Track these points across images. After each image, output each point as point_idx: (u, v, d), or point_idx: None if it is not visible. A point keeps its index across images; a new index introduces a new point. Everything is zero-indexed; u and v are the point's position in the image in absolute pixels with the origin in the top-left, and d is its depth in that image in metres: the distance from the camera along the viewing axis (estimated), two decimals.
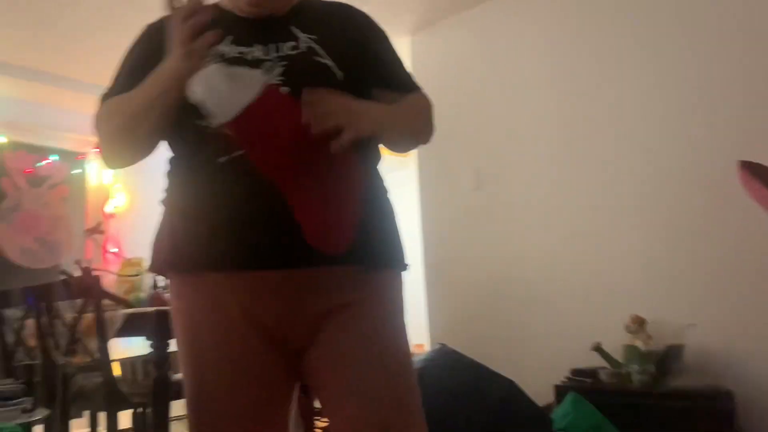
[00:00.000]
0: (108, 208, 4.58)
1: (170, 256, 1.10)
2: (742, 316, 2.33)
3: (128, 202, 4.67)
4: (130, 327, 2.38)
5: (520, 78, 3.02)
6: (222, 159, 1.03)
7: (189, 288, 1.09)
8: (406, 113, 1.13)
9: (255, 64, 1.04)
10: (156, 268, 1.16)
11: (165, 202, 1.15)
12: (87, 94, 3.97)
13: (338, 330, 1.05)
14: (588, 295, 2.79)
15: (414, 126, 1.16)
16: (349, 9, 1.19)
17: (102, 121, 1.12)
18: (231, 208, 1.03)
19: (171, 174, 1.15)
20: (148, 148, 1.13)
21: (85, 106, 1.80)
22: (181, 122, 1.06)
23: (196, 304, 1.08)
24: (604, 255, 2.74)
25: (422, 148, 1.29)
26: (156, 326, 2.31)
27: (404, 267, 1.14)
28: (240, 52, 1.07)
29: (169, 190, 1.15)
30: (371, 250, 1.07)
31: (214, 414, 1.06)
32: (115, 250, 4.44)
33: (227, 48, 1.06)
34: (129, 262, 2.91)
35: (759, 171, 1.42)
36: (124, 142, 1.10)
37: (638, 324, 2.55)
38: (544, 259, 2.90)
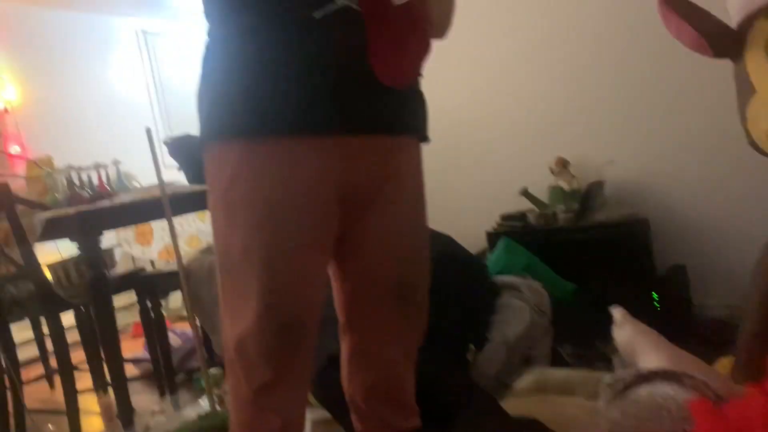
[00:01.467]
0: None
1: (248, 118, 1.05)
2: (655, 149, 2.46)
3: (20, 95, 4.26)
4: (52, 230, 2.27)
5: None
6: (318, 13, 1.03)
7: (262, 152, 1.06)
8: None
9: None
10: (218, 132, 1.10)
11: (227, 62, 1.09)
12: None
13: (391, 198, 1.17)
14: (513, 140, 2.85)
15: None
16: None
17: None
18: (330, 67, 1.04)
19: (238, 32, 1.08)
20: None
21: None
22: None
23: (273, 167, 1.06)
24: (525, 99, 2.77)
25: None
26: (80, 227, 2.22)
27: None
28: None
29: (236, 49, 1.08)
30: (423, 123, 1.23)
31: (289, 275, 1.07)
32: (17, 148, 4.12)
33: None
34: (36, 163, 2.70)
35: (676, 2, 1.41)
36: None
37: (561, 165, 2.65)
38: (467, 106, 2.90)
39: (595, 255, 2.44)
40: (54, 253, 2.75)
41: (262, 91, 1.05)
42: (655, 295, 2.26)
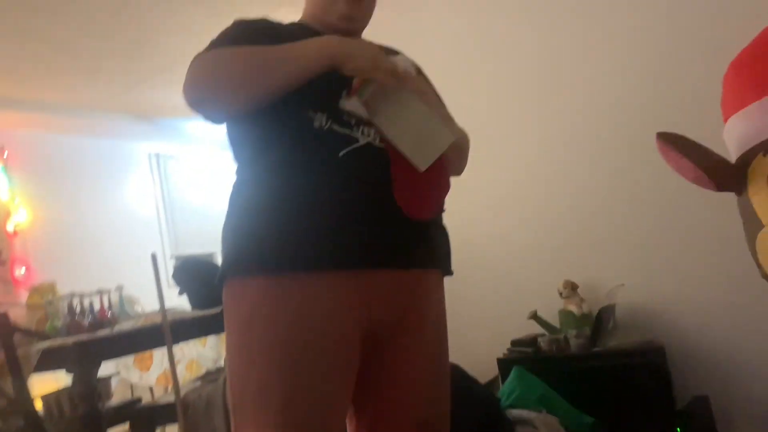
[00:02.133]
0: (9, 227, 4.22)
1: (269, 253, 1.06)
2: (666, 273, 2.42)
3: (31, 217, 4.33)
4: (48, 361, 2.21)
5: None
6: (343, 152, 1.07)
7: (282, 288, 1.06)
8: (457, 127, 1.32)
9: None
10: (240, 266, 1.10)
11: (252, 199, 1.12)
12: None
13: (413, 334, 1.16)
14: (522, 263, 2.82)
15: (460, 143, 1.30)
16: (409, 58, 1.37)
17: (225, 60, 1.11)
18: (352, 202, 1.06)
19: (264, 171, 1.12)
20: (252, 104, 1.11)
21: None
22: (293, 122, 1.10)
23: (293, 305, 1.05)
24: (535, 222, 2.78)
25: None
26: (77, 358, 2.15)
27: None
28: None
29: (261, 187, 1.12)
30: (447, 257, 1.26)
31: (309, 415, 1.03)
32: (23, 270, 4.12)
33: None
34: (38, 289, 2.69)
35: (675, 141, 1.44)
36: (247, 87, 1.10)
37: (570, 288, 2.61)
38: (474, 229, 2.91)
39: (610, 384, 2.34)
40: (53, 381, 2.67)
41: (285, 227, 1.06)
42: (679, 430, 2.13)
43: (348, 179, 1.07)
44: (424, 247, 1.15)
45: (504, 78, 2.83)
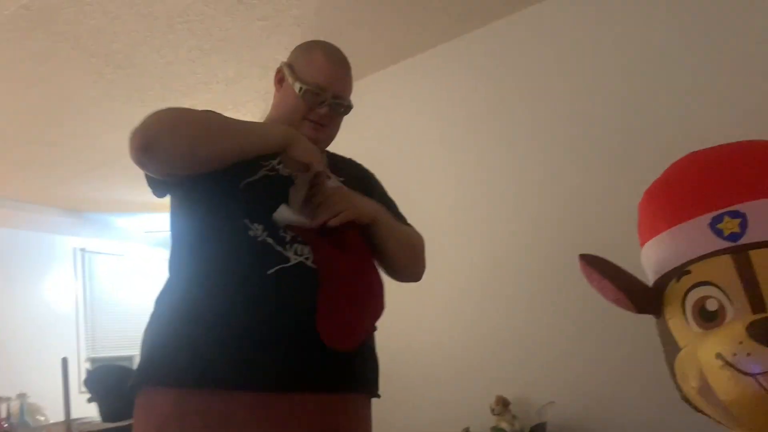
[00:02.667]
0: None
1: (183, 366, 1.03)
2: (597, 389, 2.43)
3: None
4: None
5: (413, 139, 3.04)
6: (270, 270, 1.06)
7: (194, 405, 1.01)
8: (402, 228, 1.35)
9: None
10: (152, 377, 1.06)
11: (177, 307, 1.10)
12: None
13: None
14: (453, 378, 2.77)
15: (408, 241, 1.35)
16: (359, 164, 1.46)
17: (188, 112, 1.17)
18: (272, 324, 1.04)
19: (188, 281, 1.12)
20: (203, 161, 1.13)
21: None
22: (228, 229, 1.10)
23: (203, 424, 1.00)
24: (468, 335, 2.76)
25: None
26: None
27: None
28: (287, 173, 1.20)
29: (188, 295, 1.10)
30: (373, 380, 1.23)
31: None
32: None
33: (279, 166, 1.19)
34: None
35: (597, 263, 1.50)
36: (205, 141, 1.13)
37: (502, 405, 2.57)
38: (409, 341, 2.87)
39: None
40: None
41: (201, 342, 1.04)
42: None
43: (271, 300, 1.06)
44: (344, 373, 1.11)
45: (442, 189, 2.92)
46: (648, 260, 1.54)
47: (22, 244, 4.60)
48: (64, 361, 2.21)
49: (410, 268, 1.38)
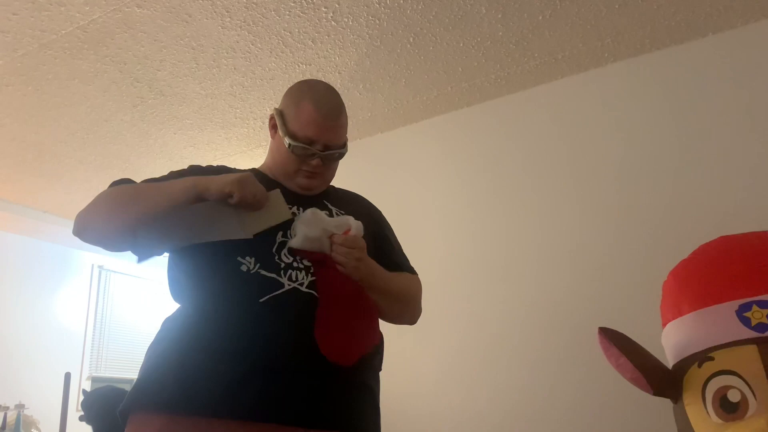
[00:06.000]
0: None
1: (171, 393, 1.04)
2: None
3: None
4: None
5: (417, 203, 3.04)
6: (263, 298, 1.09)
7: (182, 429, 1.03)
8: (401, 279, 1.35)
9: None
10: (142, 403, 1.08)
11: (174, 338, 1.13)
12: None
13: None
14: None
15: (404, 292, 1.35)
16: (368, 202, 1.49)
17: (106, 194, 1.20)
18: (273, 351, 1.06)
19: (192, 308, 1.15)
20: (121, 235, 1.15)
21: None
22: (221, 262, 1.14)
23: None
24: (471, 405, 2.67)
25: None
26: None
27: None
28: None
29: (183, 326, 1.14)
30: (367, 419, 1.20)
31: None
32: None
33: None
34: None
35: (616, 338, 1.47)
36: (117, 215, 1.16)
37: None
38: (406, 399, 2.80)
39: None
40: None
41: (190, 368, 1.05)
42: None
43: (263, 327, 1.08)
44: (333, 406, 1.10)
45: (442, 252, 2.88)
46: (669, 341, 1.50)
47: (42, 255, 4.65)
48: (67, 377, 2.20)
49: (400, 317, 1.38)
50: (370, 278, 1.24)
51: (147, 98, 2.80)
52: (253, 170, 1.38)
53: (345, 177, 1.65)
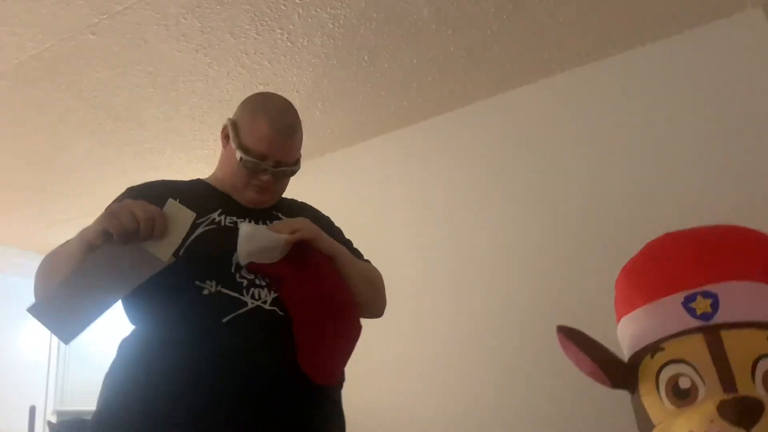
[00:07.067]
0: None
1: (135, 418, 1.02)
2: None
3: None
4: None
5: (383, 214, 3.08)
6: (225, 318, 1.07)
7: None
8: (361, 263, 1.36)
9: None
10: (105, 429, 1.06)
11: (131, 364, 1.10)
12: None
13: None
14: None
15: (368, 276, 1.35)
16: (316, 210, 1.48)
17: (39, 271, 1.19)
18: (240, 373, 1.04)
19: (151, 331, 1.13)
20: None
21: None
22: (181, 288, 1.11)
23: None
24: (441, 402, 2.72)
25: None
26: None
27: None
28: (232, 222, 1.23)
29: (141, 351, 1.11)
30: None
31: None
32: None
33: (220, 217, 1.23)
34: None
35: (573, 335, 1.53)
36: (52, 281, 1.12)
37: None
38: (378, 401, 2.82)
39: None
40: None
41: (154, 397, 1.03)
42: None
43: (228, 350, 1.05)
44: (299, 426, 1.09)
45: (413, 255, 2.95)
46: (623, 335, 1.57)
47: (1, 288, 4.53)
48: (32, 410, 2.15)
49: (372, 304, 1.36)
50: (334, 247, 1.24)
51: (105, 124, 2.79)
52: (200, 181, 1.36)
53: (307, 192, 1.68)
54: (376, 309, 1.38)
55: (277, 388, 1.06)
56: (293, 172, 1.33)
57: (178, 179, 1.38)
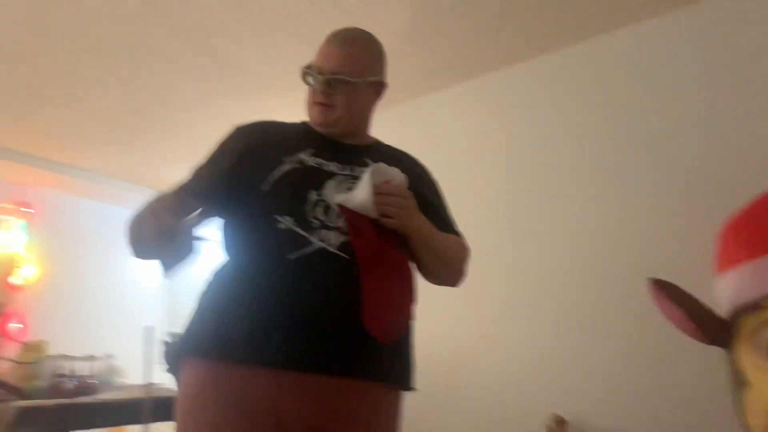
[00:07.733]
0: (15, 280, 4.27)
1: (211, 343, 1.12)
2: (656, 414, 2.37)
3: (39, 275, 4.39)
4: (24, 421, 2.17)
5: (478, 157, 3.08)
6: (292, 256, 1.12)
7: (221, 377, 1.10)
8: (446, 239, 1.31)
9: (328, 175, 1.22)
10: (186, 351, 1.17)
11: (215, 289, 1.21)
12: None
13: None
14: (505, 399, 2.74)
15: (449, 253, 1.31)
16: (414, 159, 1.44)
17: (130, 228, 1.25)
18: (297, 306, 1.10)
19: (227, 267, 1.22)
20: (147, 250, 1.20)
21: None
22: (261, 221, 1.17)
23: (227, 392, 1.09)
24: (519, 355, 2.73)
25: None
26: (56, 422, 2.12)
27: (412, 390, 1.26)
28: (318, 163, 1.24)
29: (224, 279, 1.21)
30: (401, 369, 1.22)
31: None
32: (20, 326, 4.11)
33: (307, 158, 1.25)
34: (29, 346, 2.68)
35: (669, 289, 1.49)
36: (138, 248, 1.23)
37: (559, 423, 2.55)
38: (455, 362, 2.88)
39: None
40: None
41: (227, 318, 1.13)
42: None
43: (290, 283, 1.12)
44: (365, 357, 1.13)
45: (500, 198, 2.92)
46: (724, 291, 1.50)
47: (119, 220, 4.94)
48: (148, 330, 2.39)
49: (443, 278, 1.34)
50: (417, 233, 1.21)
51: (210, 69, 2.92)
52: (303, 123, 1.40)
53: (400, 137, 1.70)
54: (448, 282, 1.36)
55: (339, 325, 1.12)
56: (344, 84, 1.28)
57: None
